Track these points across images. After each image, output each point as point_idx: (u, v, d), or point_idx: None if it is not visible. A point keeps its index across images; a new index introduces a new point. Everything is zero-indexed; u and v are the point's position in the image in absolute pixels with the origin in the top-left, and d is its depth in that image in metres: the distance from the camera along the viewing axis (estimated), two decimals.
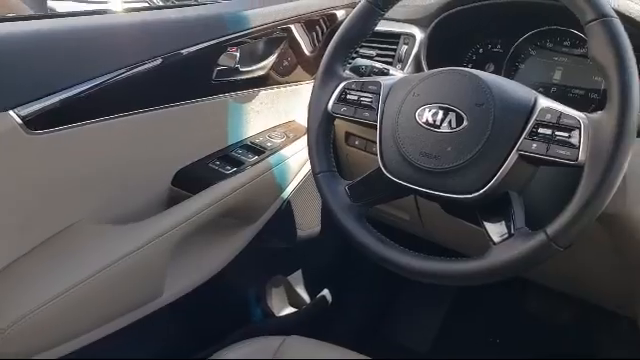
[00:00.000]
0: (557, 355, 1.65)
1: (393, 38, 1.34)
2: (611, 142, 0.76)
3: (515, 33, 1.25)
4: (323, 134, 1.04)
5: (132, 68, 1.10)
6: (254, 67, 1.33)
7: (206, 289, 1.27)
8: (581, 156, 0.79)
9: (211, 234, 1.29)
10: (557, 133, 0.81)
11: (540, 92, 1.21)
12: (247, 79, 1.31)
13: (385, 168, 0.94)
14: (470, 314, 1.84)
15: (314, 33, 1.42)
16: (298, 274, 1.70)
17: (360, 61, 1.16)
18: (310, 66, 1.43)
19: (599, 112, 0.80)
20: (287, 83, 1.41)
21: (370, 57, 1.35)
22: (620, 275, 1.13)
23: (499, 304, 1.75)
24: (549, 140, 0.81)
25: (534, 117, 0.83)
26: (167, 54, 1.14)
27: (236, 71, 1.28)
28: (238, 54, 1.27)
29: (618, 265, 1.13)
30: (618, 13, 0.81)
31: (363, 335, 1.82)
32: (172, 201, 1.22)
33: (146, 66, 1.11)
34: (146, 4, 1.68)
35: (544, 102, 0.85)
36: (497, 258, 0.83)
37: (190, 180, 1.24)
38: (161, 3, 1.70)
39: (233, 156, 1.31)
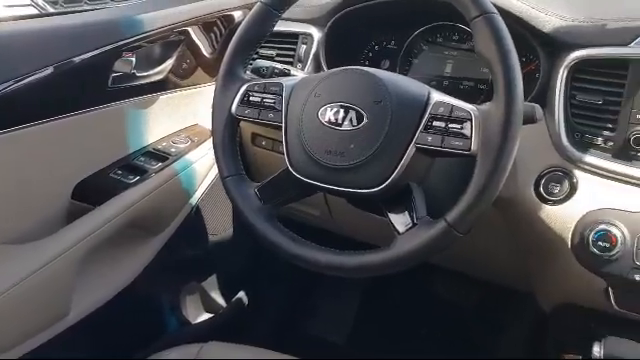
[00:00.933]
0: (466, 335, 1.74)
1: (292, 38, 1.35)
2: (500, 132, 0.81)
3: (407, 30, 1.30)
4: (228, 137, 1.03)
5: (21, 79, 1.04)
6: (152, 72, 1.30)
7: (117, 304, 1.24)
8: (473, 146, 0.83)
9: (118, 246, 1.25)
10: (450, 125, 0.85)
11: (433, 85, 1.27)
12: (145, 84, 1.28)
13: (292, 168, 0.96)
14: (382, 302, 1.90)
15: (212, 35, 1.40)
16: (212, 279, 1.68)
17: (261, 62, 1.17)
18: (211, 68, 1.42)
19: (487, 103, 0.85)
20: (188, 86, 1.39)
21: (270, 57, 1.36)
22: (516, 254, 1.22)
23: (409, 290, 1.82)
24: (443, 132, 0.86)
25: (428, 111, 0.87)
26: (58, 63, 1.09)
27: (133, 77, 1.25)
28: (134, 59, 1.23)
29: (514, 245, 1.21)
30: (499, 9, 0.86)
31: (282, 333, 1.83)
32: (73, 216, 1.17)
33: (36, 76, 1.06)
34: (34, 10, 1.59)
35: (437, 96, 0.89)
36: (402, 247, 0.87)
37: (91, 192, 1.20)
38: (50, 9, 1.61)
39: (135, 164, 1.27)
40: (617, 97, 1.00)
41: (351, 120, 0.91)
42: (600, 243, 0.96)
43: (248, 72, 1.09)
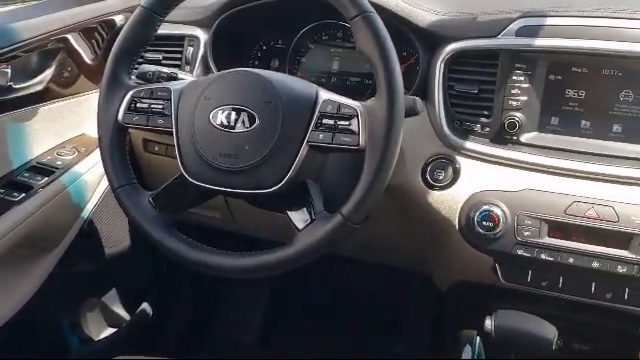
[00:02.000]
0: (374, 321, 1.80)
1: (178, 41, 1.33)
2: (384, 126, 0.85)
3: (293, 29, 1.33)
4: (117, 147, 1.00)
5: None
6: (30, 82, 1.23)
7: (13, 327, 1.17)
8: (362, 141, 0.87)
9: (9, 267, 1.18)
10: (339, 122, 0.88)
11: (322, 83, 1.31)
12: (24, 96, 1.21)
13: (187, 173, 0.95)
14: (290, 297, 1.92)
15: (94, 41, 1.35)
16: (113, 293, 1.62)
17: (146, 67, 1.14)
18: (94, 75, 1.36)
19: (371, 100, 0.88)
20: (71, 95, 1.33)
21: (157, 62, 1.33)
22: (411, 239, 1.28)
23: (315, 284, 1.85)
24: (333, 129, 0.88)
25: (317, 110, 0.90)
26: None
27: (9, 89, 1.17)
28: (9, 71, 1.16)
29: (408, 231, 1.27)
30: (376, 6, 0.90)
31: (190, 339, 1.80)
32: None
33: None
34: None
35: (324, 95, 0.91)
36: (302, 243, 0.89)
37: None
38: None
39: (19, 181, 1.20)
40: (491, 85, 1.08)
41: (244, 122, 0.91)
42: (484, 223, 1.03)
43: (133, 78, 1.06)
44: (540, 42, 1.03)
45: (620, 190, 1.01)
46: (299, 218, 0.92)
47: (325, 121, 0.89)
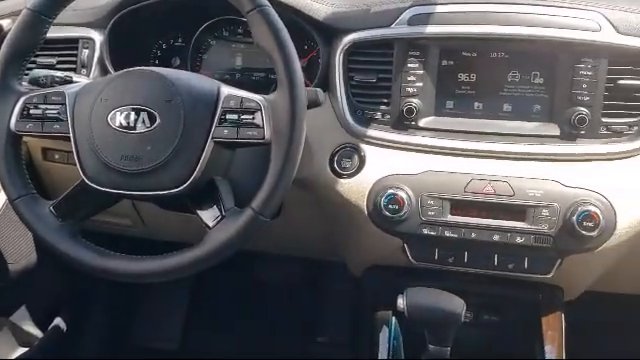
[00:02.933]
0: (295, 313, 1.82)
1: (72, 43, 1.28)
2: (288, 119, 0.86)
3: (192, 26, 1.31)
4: (12, 157, 0.96)
5: None
6: None
7: None
8: (267, 135, 0.87)
9: None
10: (243, 117, 0.89)
11: (227, 79, 1.30)
12: None
13: (88, 179, 0.92)
14: (211, 297, 1.91)
15: None
16: (23, 310, 1.54)
17: (38, 72, 1.09)
18: None
19: (274, 93, 0.89)
20: None
21: (51, 66, 1.27)
22: (324, 228, 1.30)
23: (235, 282, 1.85)
24: (237, 124, 0.89)
25: (220, 105, 0.89)
26: None
27: None
28: None
29: (321, 221, 1.29)
30: (273, 1, 0.90)
31: (109, 349, 1.75)
32: None
33: None
34: None
35: (226, 90, 0.91)
36: (214, 241, 0.89)
37: None
38: None
39: None
40: (388, 74, 1.11)
41: (144, 122, 0.90)
42: (390, 206, 1.07)
43: (25, 84, 1.01)
44: (431, 29, 1.07)
45: (514, 166, 1.07)
46: (209, 216, 0.92)
47: (229, 116, 0.89)
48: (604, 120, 1.05)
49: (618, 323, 1.66)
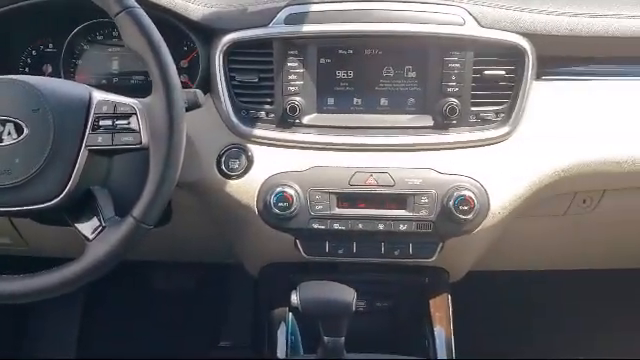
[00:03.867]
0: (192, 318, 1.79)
1: None
2: (165, 122, 0.85)
3: (63, 31, 1.25)
4: None
5: None
6: None
7: None
8: (144, 139, 0.85)
9: None
10: (117, 122, 0.86)
11: (104, 84, 1.25)
12: None
13: None
14: (106, 310, 1.84)
15: None
16: None
17: None
18: None
19: (150, 96, 0.87)
20: None
21: None
22: (217, 231, 1.29)
23: (131, 293, 1.79)
24: (112, 130, 0.86)
25: (92, 112, 0.86)
26: None
27: None
28: None
29: (213, 224, 1.28)
30: (145, 2, 0.88)
31: None
32: None
33: None
34: None
35: (99, 95, 0.88)
36: (94, 254, 0.85)
37: None
38: None
39: None
40: (269, 73, 1.12)
41: (10, 133, 0.85)
42: (280, 204, 1.08)
43: None
44: (307, 28, 1.09)
45: (393, 157, 1.12)
46: (88, 228, 0.89)
47: (102, 122, 0.86)
48: (473, 109, 1.12)
49: (502, 300, 1.78)
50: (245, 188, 1.12)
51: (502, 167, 1.11)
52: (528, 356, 1.69)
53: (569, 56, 1.17)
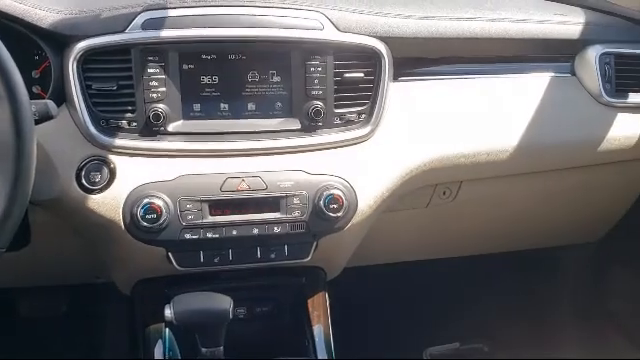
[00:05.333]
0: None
1: None
2: (11, 136, 0.79)
3: None
4: None
5: None
6: None
7: None
8: None
9: None
10: None
11: None
12: None
13: None
14: None
15: None
16: None
17: None
18: None
19: None
20: None
21: None
22: (85, 250, 1.22)
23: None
24: None
25: None
26: None
27: None
28: None
29: (80, 243, 1.21)
30: None
31: None
32: None
33: None
34: None
35: None
36: None
37: None
38: None
39: None
40: (129, 81, 1.07)
41: None
42: (148, 216, 1.04)
43: None
44: (166, 34, 1.06)
45: (264, 161, 1.12)
46: None
47: None
48: (337, 111, 1.15)
49: (378, 293, 1.85)
50: (109, 202, 1.07)
51: (367, 165, 1.16)
52: (408, 347, 1.76)
53: (423, 57, 1.25)
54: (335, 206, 1.09)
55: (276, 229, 1.11)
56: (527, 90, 1.29)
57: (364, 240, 1.28)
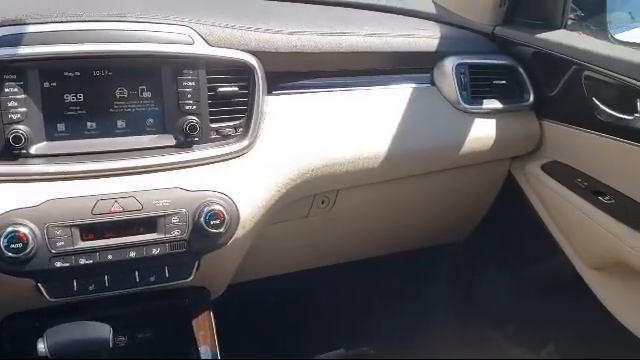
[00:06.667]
0: None
1: None
2: None
3: None
4: None
5: None
6: None
7: None
8: None
9: None
10: None
11: None
12: None
13: None
14: None
15: None
16: None
17: None
18: None
19: None
20: None
21: None
22: None
23: None
24: None
25: None
26: None
27: None
28: None
29: None
30: None
31: None
32: None
33: None
34: None
35: None
36: None
37: None
38: None
39: None
40: None
41: None
42: (13, 245, 0.96)
43: None
44: (24, 50, 1.00)
45: (139, 180, 1.08)
46: None
47: None
48: (213, 126, 1.14)
49: (264, 307, 1.84)
50: None
51: (247, 178, 1.16)
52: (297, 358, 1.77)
53: (295, 71, 1.28)
54: (217, 222, 1.07)
55: (155, 250, 1.07)
56: (393, 100, 1.36)
57: (247, 255, 1.27)
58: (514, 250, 1.72)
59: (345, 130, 1.28)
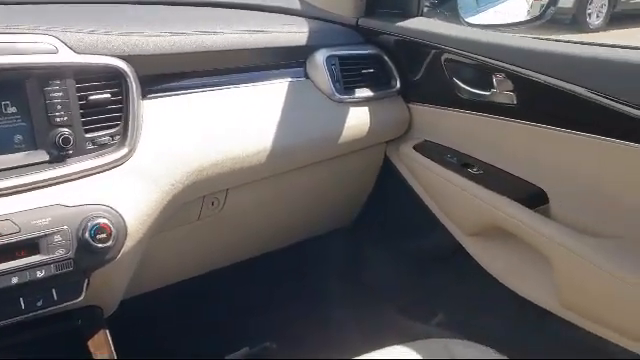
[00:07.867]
0: None
1: None
2: None
3: None
4: None
5: None
6: None
7: None
8: None
9: None
10: None
11: None
12: None
13: None
14: None
15: None
16: None
17: None
18: None
19: None
20: None
21: None
22: None
23: None
24: None
25: None
26: None
27: None
28: None
29: None
30: None
31: None
32: None
33: None
34: None
35: None
36: None
37: None
38: None
39: None
40: None
41: None
42: None
43: None
44: None
45: (13, 201, 1.01)
46: None
47: None
48: (87, 136, 1.09)
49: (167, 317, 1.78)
50: None
51: (130, 187, 1.11)
52: None
53: (170, 73, 1.25)
54: (103, 236, 1.03)
55: (39, 273, 1.00)
56: (270, 96, 1.38)
57: (140, 267, 1.23)
58: (397, 228, 1.80)
59: (226, 129, 1.28)
